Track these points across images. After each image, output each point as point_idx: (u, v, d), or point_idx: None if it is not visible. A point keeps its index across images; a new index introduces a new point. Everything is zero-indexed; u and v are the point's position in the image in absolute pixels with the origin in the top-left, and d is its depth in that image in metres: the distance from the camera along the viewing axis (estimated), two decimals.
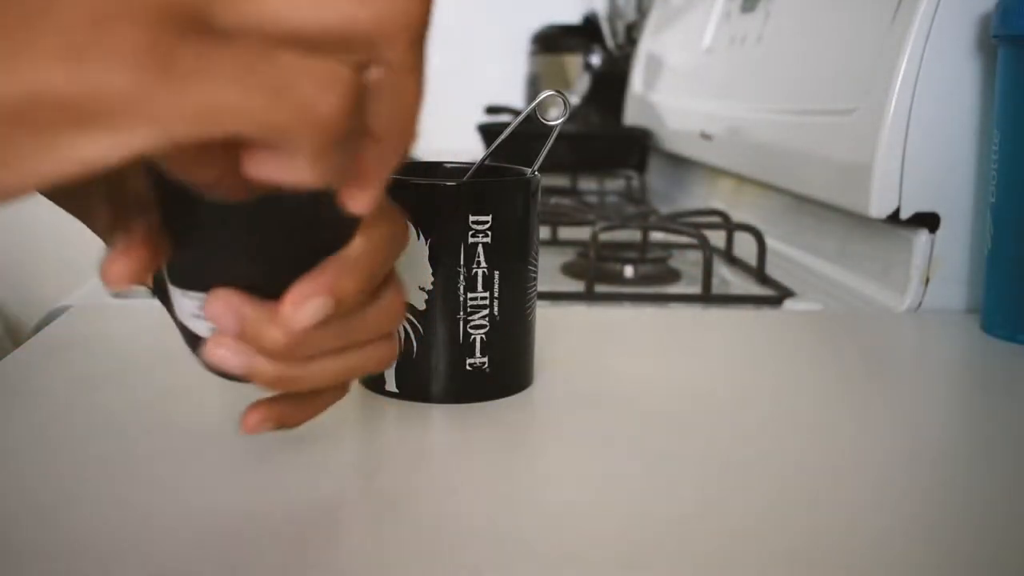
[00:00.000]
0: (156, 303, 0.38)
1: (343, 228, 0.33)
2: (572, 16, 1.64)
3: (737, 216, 0.91)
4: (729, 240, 0.85)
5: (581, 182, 1.23)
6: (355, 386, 0.48)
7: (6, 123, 0.23)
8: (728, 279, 0.80)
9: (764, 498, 0.38)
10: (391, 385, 0.47)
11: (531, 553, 0.33)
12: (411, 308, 0.46)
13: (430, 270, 0.45)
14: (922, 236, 0.67)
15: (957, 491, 0.40)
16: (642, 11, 1.49)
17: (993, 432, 0.47)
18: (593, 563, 0.33)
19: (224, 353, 0.33)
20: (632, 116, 1.40)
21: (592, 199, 1.17)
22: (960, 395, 0.55)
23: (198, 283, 0.34)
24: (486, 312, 0.46)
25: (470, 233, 0.45)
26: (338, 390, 0.37)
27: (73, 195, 0.37)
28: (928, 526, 0.37)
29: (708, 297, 0.70)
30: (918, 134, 0.66)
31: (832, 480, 0.40)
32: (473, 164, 0.51)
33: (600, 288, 0.71)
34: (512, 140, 0.50)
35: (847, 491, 0.39)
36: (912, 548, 0.35)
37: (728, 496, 0.38)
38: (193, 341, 0.35)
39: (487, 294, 0.46)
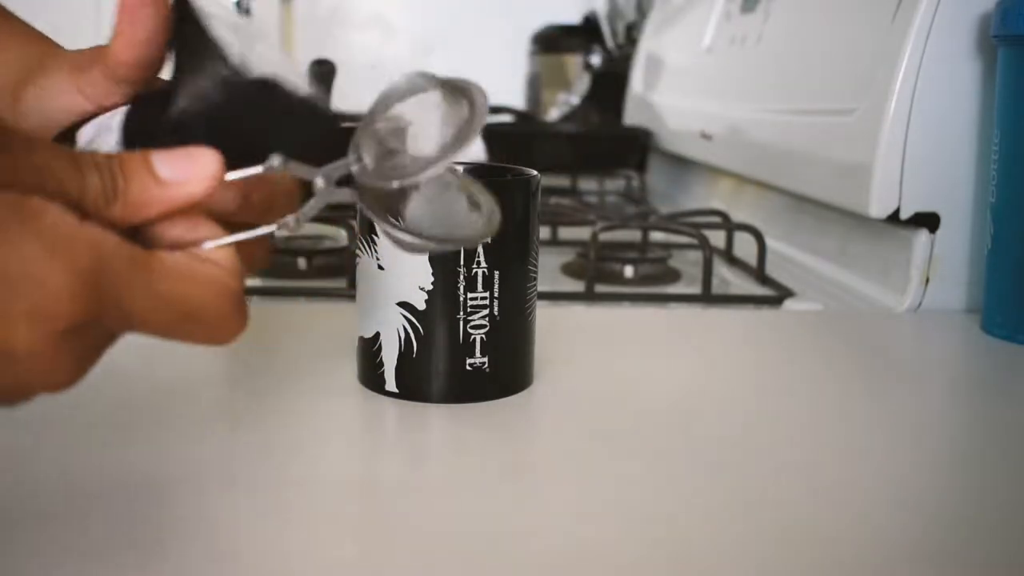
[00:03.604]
0: None
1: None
2: (572, 16, 1.64)
3: (737, 216, 0.91)
4: (729, 240, 0.85)
5: (581, 182, 1.23)
6: (355, 386, 0.48)
7: None
8: (728, 279, 0.80)
9: (764, 497, 0.38)
10: (391, 385, 0.47)
11: (531, 553, 0.33)
12: (411, 308, 0.46)
13: (430, 270, 0.45)
14: (922, 236, 0.67)
15: (957, 491, 0.40)
16: (642, 11, 1.49)
17: (993, 432, 0.47)
18: (593, 563, 0.33)
19: None
20: (632, 116, 1.40)
21: (592, 199, 1.17)
22: (960, 395, 0.55)
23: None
24: (486, 312, 0.46)
25: None
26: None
27: None
28: (928, 525, 0.37)
29: (708, 297, 0.70)
30: (918, 134, 0.66)
31: (832, 480, 0.40)
32: (473, 164, 0.51)
33: (600, 288, 0.71)
34: (512, 140, 0.50)
35: (847, 491, 0.39)
36: (912, 547, 0.35)
37: (728, 495, 0.38)
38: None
39: (487, 294, 0.46)
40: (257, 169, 0.32)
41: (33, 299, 0.26)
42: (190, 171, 0.30)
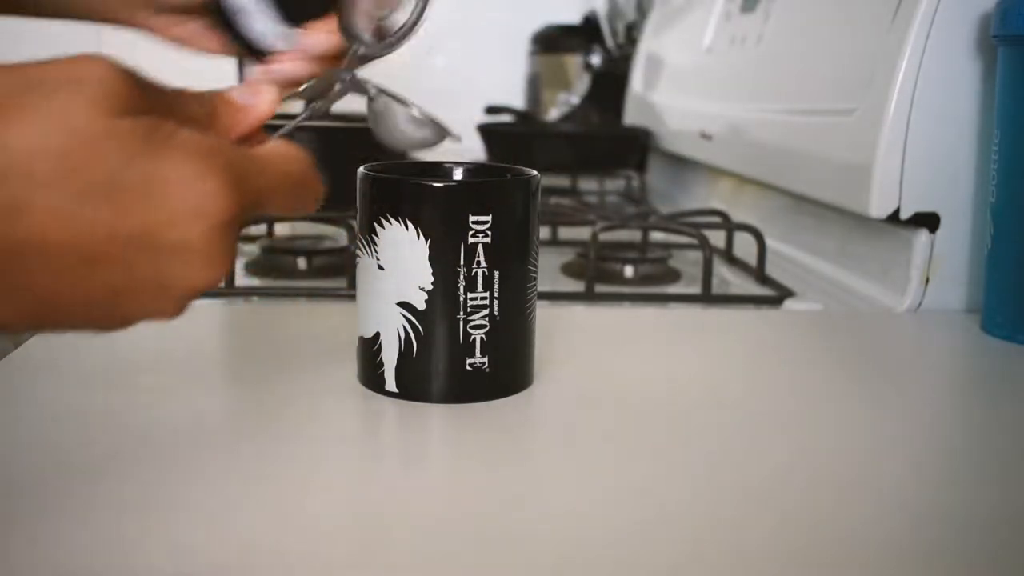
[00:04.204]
0: None
1: None
2: (572, 16, 1.64)
3: (737, 216, 0.91)
4: (729, 240, 0.85)
5: (581, 182, 1.23)
6: (355, 386, 0.48)
7: None
8: (728, 279, 0.80)
9: (764, 497, 0.38)
10: (391, 385, 0.47)
11: (531, 553, 0.33)
12: (411, 308, 0.46)
13: (430, 270, 0.45)
14: (922, 236, 0.67)
15: (957, 491, 0.40)
16: (642, 11, 1.49)
17: (993, 432, 0.47)
18: (593, 563, 0.33)
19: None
20: (632, 116, 1.40)
21: (592, 199, 1.17)
22: (960, 395, 0.55)
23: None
24: (486, 312, 0.46)
25: (470, 233, 0.45)
26: None
27: None
28: (926, 525, 0.37)
29: (708, 297, 0.70)
30: (918, 134, 0.66)
31: (832, 480, 0.40)
32: (473, 164, 0.51)
33: (600, 288, 0.71)
34: (512, 140, 0.50)
35: (847, 491, 0.39)
36: (910, 546, 0.35)
37: (728, 495, 0.38)
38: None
39: (487, 294, 0.46)
40: (329, 91, 0.46)
41: (195, 199, 0.31)
42: (259, 98, 0.38)
